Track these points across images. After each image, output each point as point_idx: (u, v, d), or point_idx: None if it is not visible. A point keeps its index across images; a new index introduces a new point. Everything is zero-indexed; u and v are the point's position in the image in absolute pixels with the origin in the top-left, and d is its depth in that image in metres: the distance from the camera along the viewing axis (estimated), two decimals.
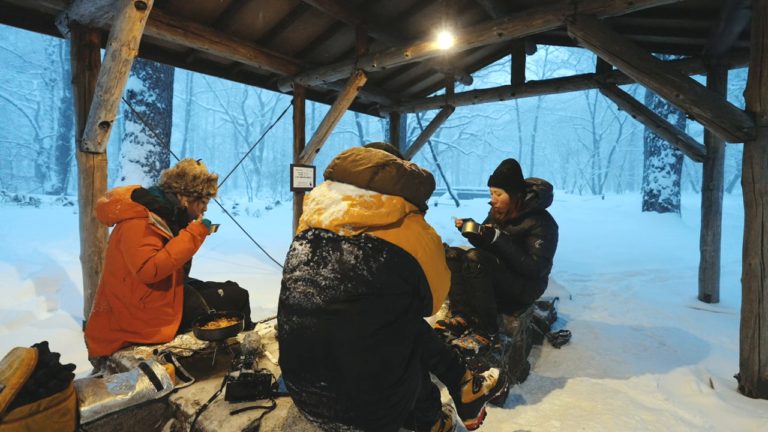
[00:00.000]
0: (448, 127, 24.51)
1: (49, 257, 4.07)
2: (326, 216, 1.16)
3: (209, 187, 2.06)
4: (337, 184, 1.23)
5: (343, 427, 1.15)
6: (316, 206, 1.21)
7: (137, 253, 1.74)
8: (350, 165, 1.20)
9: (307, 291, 1.14)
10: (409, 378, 1.19)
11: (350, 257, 1.11)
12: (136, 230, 1.77)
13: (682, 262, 5.39)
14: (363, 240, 1.12)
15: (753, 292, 2.19)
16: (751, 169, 2.19)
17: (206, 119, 31.16)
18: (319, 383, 1.13)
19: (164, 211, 1.91)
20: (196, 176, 2.00)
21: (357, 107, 6.14)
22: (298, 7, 3.58)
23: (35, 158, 18.65)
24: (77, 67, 2.63)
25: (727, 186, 21.06)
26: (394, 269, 1.11)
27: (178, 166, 2.01)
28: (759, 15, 2.16)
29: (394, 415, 1.17)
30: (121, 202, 1.82)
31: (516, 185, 2.38)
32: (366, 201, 1.14)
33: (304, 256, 1.18)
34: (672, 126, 4.03)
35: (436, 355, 1.43)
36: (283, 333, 1.21)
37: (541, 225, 2.32)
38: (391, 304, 1.12)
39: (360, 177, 1.18)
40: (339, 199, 1.17)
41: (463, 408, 1.47)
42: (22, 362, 1.06)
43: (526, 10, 2.79)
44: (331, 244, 1.16)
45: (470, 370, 1.54)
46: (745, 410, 2.01)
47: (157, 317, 1.84)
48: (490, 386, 1.52)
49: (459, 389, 1.48)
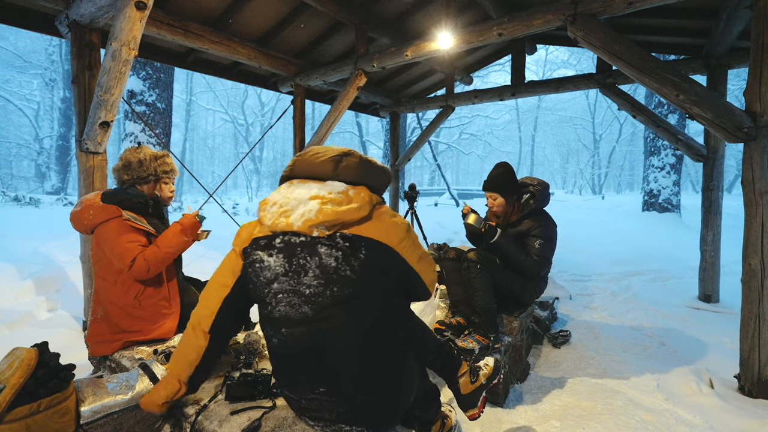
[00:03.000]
0: (448, 127, 24.52)
1: (49, 257, 4.07)
2: (296, 217, 1.08)
3: (160, 165, 1.95)
4: (300, 183, 1.17)
5: (346, 428, 1.15)
6: (281, 209, 1.11)
7: (123, 252, 1.71)
8: (312, 158, 1.18)
9: (293, 301, 1.10)
10: (406, 373, 1.20)
11: (330, 260, 1.08)
12: (113, 230, 1.74)
13: (682, 262, 5.39)
14: (339, 239, 1.09)
15: (753, 292, 2.19)
16: (751, 169, 2.19)
17: (206, 119, 31.16)
18: (318, 389, 1.12)
19: (138, 206, 1.85)
20: (141, 161, 1.90)
21: (357, 107, 6.14)
22: (298, 7, 3.58)
23: (35, 158, 18.65)
24: (77, 67, 2.63)
25: (727, 186, 21.06)
26: (376, 264, 1.10)
27: (120, 158, 1.92)
28: (759, 15, 2.16)
29: (395, 410, 1.18)
30: (92, 206, 1.78)
31: (511, 188, 2.37)
32: (335, 198, 1.10)
33: (280, 267, 1.11)
34: (672, 126, 4.03)
35: (433, 351, 1.45)
36: (273, 346, 1.18)
37: (540, 225, 2.32)
38: (379, 302, 1.12)
39: (324, 167, 1.16)
40: (306, 198, 1.11)
41: (463, 399, 1.49)
42: (22, 362, 1.06)
43: (526, 10, 2.79)
44: (306, 249, 1.10)
45: (466, 362, 1.56)
46: (745, 410, 2.01)
47: (156, 313, 1.83)
48: (487, 374, 1.55)
49: (457, 382, 1.49)
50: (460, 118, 23.66)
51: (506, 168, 2.40)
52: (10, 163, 19.15)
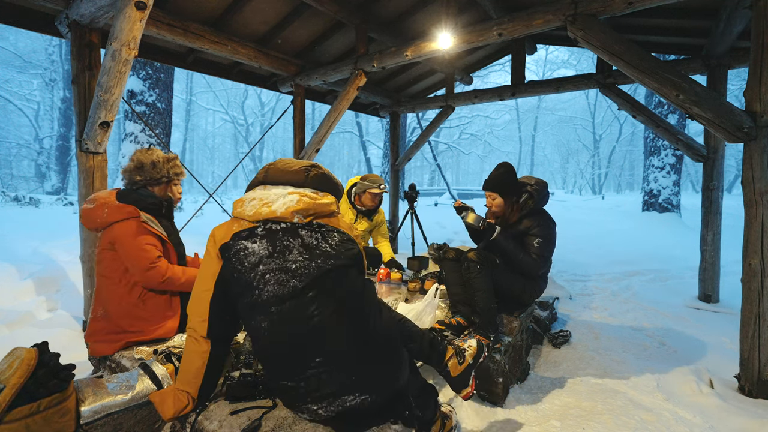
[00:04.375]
0: (448, 127, 24.53)
1: (49, 257, 4.07)
2: (278, 206, 1.21)
3: (172, 167, 1.97)
4: (274, 186, 1.30)
5: (349, 398, 1.15)
6: (262, 201, 1.24)
7: (141, 254, 1.72)
8: (284, 166, 1.33)
9: (281, 278, 1.17)
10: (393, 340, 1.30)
11: (311, 240, 1.23)
12: (133, 230, 1.74)
13: (682, 262, 5.39)
14: (315, 226, 1.26)
15: (753, 292, 2.19)
16: (751, 169, 2.19)
17: (206, 119, 31.17)
18: (314, 361, 1.15)
19: (153, 207, 1.87)
20: (154, 162, 1.91)
21: (357, 107, 6.14)
22: (298, 7, 3.58)
23: (35, 158, 18.66)
24: (77, 67, 2.63)
25: (727, 186, 21.07)
26: (346, 245, 1.28)
27: (132, 159, 1.92)
28: (759, 15, 2.16)
29: (390, 374, 1.23)
30: (107, 205, 1.77)
31: (511, 189, 2.38)
32: (311, 194, 1.28)
33: (264, 251, 1.20)
34: (672, 126, 4.03)
35: (415, 341, 1.48)
36: (262, 333, 1.19)
37: (539, 225, 2.32)
38: (354, 272, 1.28)
39: (297, 175, 1.31)
40: (284, 193, 1.25)
41: (454, 381, 1.54)
42: (22, 362, 1.06)
43: (526, 10, 2.79)
44: (288, 233, 1.22)
45: (451, 346, 1.60)
46: (745, 410, 2.01)
47: (158, 313, 1.83)
48: (473, 354, 1.61)
49: (446, 366, 1.54)
50: (460, 118, 23.67)
51: (507, 168, 2.41)
52: (10, 163, 19.15)
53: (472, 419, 1.93)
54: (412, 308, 2.19)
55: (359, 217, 3.37)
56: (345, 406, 1.15)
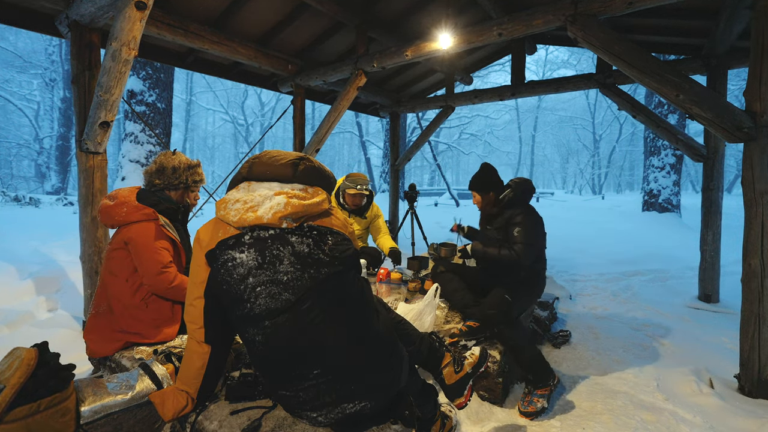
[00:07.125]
0: (448, 127, 24.52)
1: (49, 257, 4.07)
2: (265, 210, 1.11)
3: (193, 174, 1.97)
4: (259, 183, 1.20)
5: (349, 405, 1.14)
6: (246, 205, 1.13)
7: (154, 257, 1.72)
8: (270, 161, 1.21)
9: (272, 291, 1.11)
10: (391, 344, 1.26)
11: (303, 247, 1.14)
12: (148, 233, 1.75)
13: (682, 262, 5.39)
14: (306, 229, 1.17)
15: (753, 292, 2.19)
16: (751, 169, 2.19)
17: (206, 119, 31.14)
18: (312, 372, 1.13)
19: (169, 211, 1.88)
20: (175, 167, 1.91)
21: (357, 107, 6.14)
22: (298, 7, 3.58)
23: (35, 158, 18.64)
24: (77, 67, 2.63)
25: (727, 186, 21.06)
26: (342, 248, 1.20)
27: (155, 162, 1.93)
28: (759, 15, 2.16)
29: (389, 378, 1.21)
30: (127, 204, 1.78)
31: (487, 186, 2.51)
32: (299, 194, 1.17)
33: (252, 261, 1.12)
34: (672, 126, 4.03)
35: (413, 343, 1.47)
36: (257, 347, 1.16)
37: (518, 214, 2.37)
38: (351, 278, 1.21)
39: (285, 170, 1.20)
40: (270, 195, 1.14)
41: (448, 389, 1.53)
42: (22, 362, 1.05)
43: (526, 10, 2.79)
44: (278, 241, 1.13)
45: (449, 353, 1.58)
46: (745, 410, 2.01)
47: (159, 317, 1.83)
48: (473, 363, 1.58)
49: (441, 373, 1.53)
50: (460, 118, 23.66)
51: (484, 168, 2.57)
52: (10, 163, 19.14)
53: (472, 419, 1.93)
54: (412, 308, 2.19)
55: (351, 217, 3.29)
56: (345, 413, 1.15)
